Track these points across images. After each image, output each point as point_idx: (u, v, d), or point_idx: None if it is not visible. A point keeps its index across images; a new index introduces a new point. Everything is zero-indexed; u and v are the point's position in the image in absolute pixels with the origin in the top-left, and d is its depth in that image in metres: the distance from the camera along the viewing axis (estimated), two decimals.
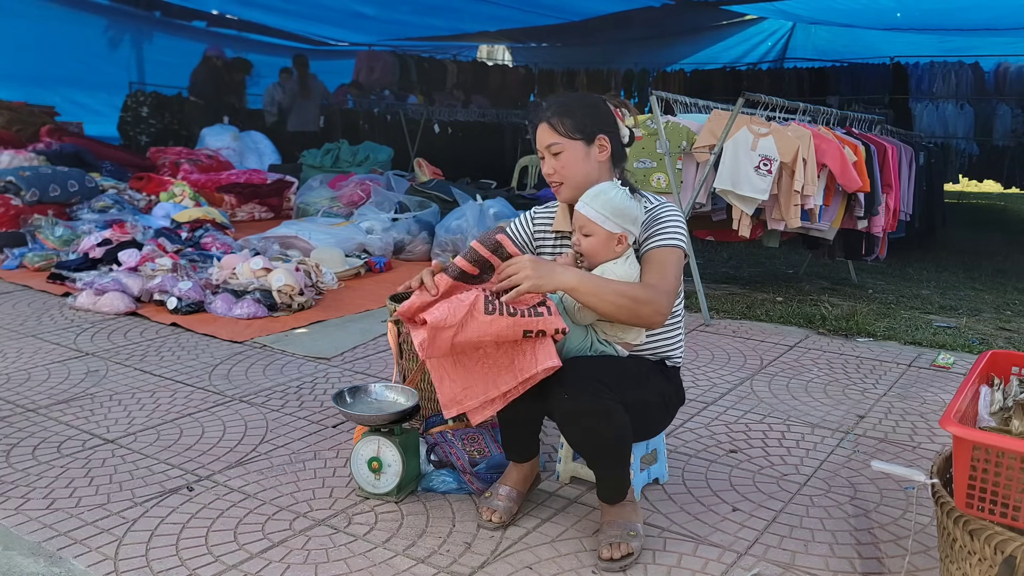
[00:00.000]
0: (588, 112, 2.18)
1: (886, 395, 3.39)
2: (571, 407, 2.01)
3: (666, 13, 9.56)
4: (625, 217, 2.06)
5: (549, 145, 2.17)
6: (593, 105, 2.22)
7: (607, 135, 2.18)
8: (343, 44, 12.79)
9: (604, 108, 2.22)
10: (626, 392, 2.06)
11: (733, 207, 4.55)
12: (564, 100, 2.23)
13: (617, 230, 2.06)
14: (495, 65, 14.44)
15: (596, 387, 1.99)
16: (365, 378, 3.49)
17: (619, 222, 2.05)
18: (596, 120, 2.18)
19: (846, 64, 12.06)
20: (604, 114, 2.21)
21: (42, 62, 9.73)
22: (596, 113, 2.19)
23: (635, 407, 2.09)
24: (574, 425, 2.06)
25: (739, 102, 4.48)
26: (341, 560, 2.08)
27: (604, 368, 2.08)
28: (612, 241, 2.07)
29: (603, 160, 2.18)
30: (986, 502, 1.60)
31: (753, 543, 2.19)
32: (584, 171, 2.16)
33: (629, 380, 2.10)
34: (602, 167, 2.19)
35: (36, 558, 2.07)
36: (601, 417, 2.00)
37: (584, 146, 2.16)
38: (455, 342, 1.95)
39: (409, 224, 6.26)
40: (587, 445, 2.11)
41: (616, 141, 2.21)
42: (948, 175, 10.54)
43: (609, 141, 2.18)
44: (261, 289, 4.50)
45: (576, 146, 2.15)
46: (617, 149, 2.22)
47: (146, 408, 3.10)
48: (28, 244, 5.66)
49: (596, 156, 2.17)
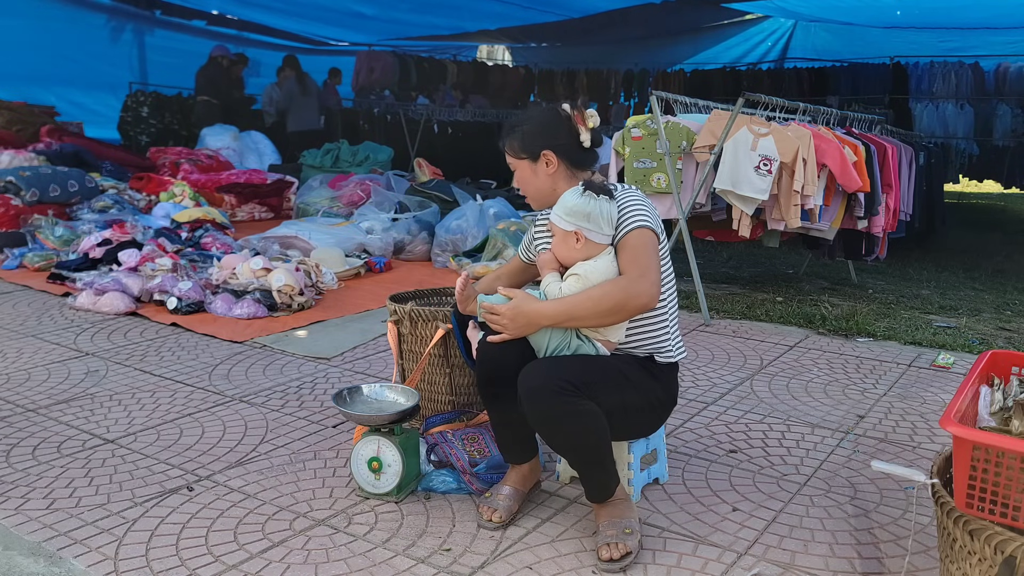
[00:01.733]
0: (533, 131, 2.27)
1: (886, 395, 3.39)
2: (534, 407, 2.03)
3: (666, 11, 9.56)
4: (576, 215, 2.13)
5: (509, 163, 2.33)
6: (540, 123, 2.28)
7: (553, 148, 2.25)
8: (343, 44, 12.79)
9: (552, 122, 2.27)
10: (598, 391, 2.06)
11: (733, 207, 4.55)
12: (516, 121, 2.34)
13: (570, 228, 2.15)
14: (495, 65, 14.45)
15: (561, 386, 2.00)
16: (365, 378, 3.49)
17: (571, 220, 2.14)
18: (540, 137, 2.26)
19: (846, 64, 12.07)
20: (550, 128, 2.27)
21: (42, 62, 9.73)
22: (540, 130, 2.27)
23: (613, 406, 2.09)
24: (540, 426, 2.08)
25: (739, 102, 4.48)
26: (341, 560, 2.08)
27: (573, 367, 2.08)
28: (570, 239, 2.16)
29: (552, 173, 2.27)
30: (986, 502, 1.60)
31: (753, 543, 2.19)
32: (535, 185, 2.30)
33: (603, 379, 2.09)
34: (555, 178, 2.28)
35: (36, 558, 2.07)
36: (566, 417, 2.01)
37: (530, 163, 2.29)
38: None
39: (409, 224, 6.26)
40: (558, 445, 2.13)
41: (570, 152, 2.27)
42: (948, 175, 10.55)
43: (556, 154, 2.25)
44: (261, 289, 4.50)
45: (523, 164, 2.30)
46: (572, 157, 2.28)
47: (146, 408, 3.10)
48: (28, 244, 5.66)
49: (544, 171, 2.27)
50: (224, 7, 10.50)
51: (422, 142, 10.56)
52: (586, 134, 2.27)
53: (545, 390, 2.00)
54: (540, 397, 2.01)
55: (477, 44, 14.52)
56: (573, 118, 2.27)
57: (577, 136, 2.27)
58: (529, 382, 2.03)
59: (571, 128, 2.27)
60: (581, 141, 2.27)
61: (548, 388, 2.00)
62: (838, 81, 11.98)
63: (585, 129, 2.26)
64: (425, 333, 2.80)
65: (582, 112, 2.28)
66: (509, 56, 15.32)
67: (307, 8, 9.91)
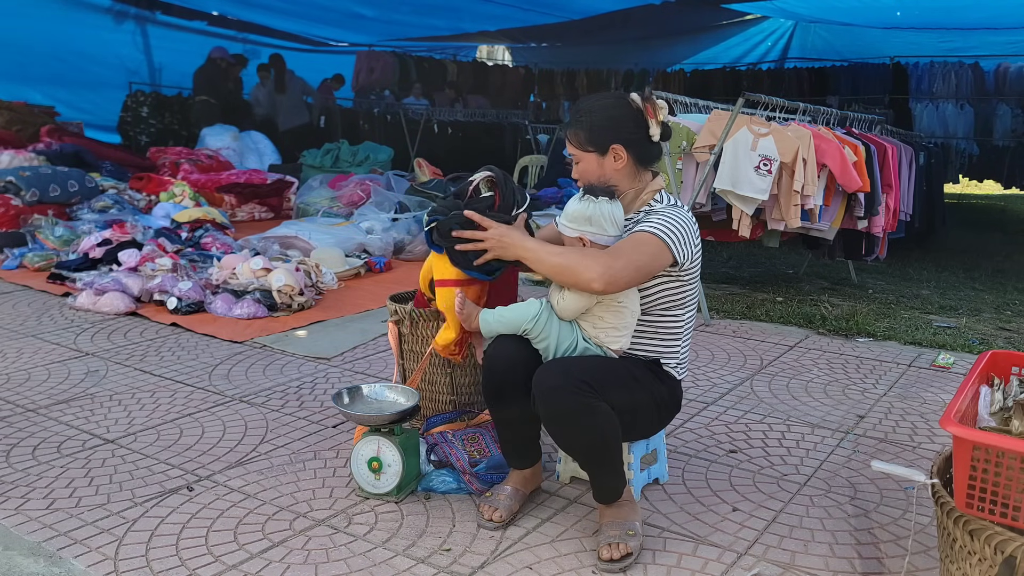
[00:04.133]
0: (603, 123, 2.17)
1: (886, 395, 3.39)
2: (550, 407, 2.02)
3: (666, 12, 9.55)
4: (577, 219, 2.13)
5: (572, 153, 2.24)
6: (610, 116, 2.18)
7: (623, 143, 2.16)
8: (343, 44, 12.80)
9: (624, 114, 2.18)
10: (611, 392, 2.05)
11: (733, 207, 4.55)
12: (585, 108, 2.22)
13: (574, 234, 2.15)
14: (495, 65, 14.45)
15: (577, 386, 1.99)
16: (365, 378, 3.49)
17: (573, 226, 2.15)
18: (610, 130, 2.17)
19: (846, 64, 12.07)
20: (622, 121, 2.17)
21: (42, 62, 9.72)
22: (611, 123, 2.17)
23: (623, 407, 2.08)
24: (555, 425, 2.07)
25: (739, 102, 4.48)
26: (341, 560, 2.08)
27: (587, 367, 2.07)
28: (575, 244, 2.16)
29: (619, 168, 2.19)
30: (986, 502, 1.60)
31: (753, 543, 2.19)
32: (599, 179, 2.20)
33: (615, 379, 2.09)
34: (620, 174, 2.19)
35: (36, 558, 2.07)
36: (582, 417, 2.00)
37: (597, 157, 2.19)
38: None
39: (409, 224, 6.26)
40: (571, 446, 2.12)
41: (637, 146, 2.19)
42: (948, 175, 10.54)
43: (626, 149, 2.17)
44: (261, 289, 4.50)
45: (589, 158, 2.20)
46: (640, 153, 2.20)
47: (146, 408, 3.10)
48: (28, 244, 5.66)
49: (611, 165, 2.19)
50: (224, 8, 10.50)
51: (422, 142, 10.56)
52: (656, 127, 2.18)
53: (562, 390, 2.00)
54: (556, 397, 2.00)
55: (477, 44, 14.52)
56: (644, 110, 2.17)
57: (647, 129, 2.18)
58: (545, 382, 2.02)
59: (641, 120, 2.18)
60: (651, 135, 2.19)
61: (565, 388, 1.99)
62: (838, 81, 11.98)
63: (656, 122, 2.18)
64: (426, 333, 2.80)
65: (653, 103, 2.18)
66: (509, 56, 15.32)
67: (307, 9, 9.90)
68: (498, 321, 2.19)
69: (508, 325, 2.17)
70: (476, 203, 2.31)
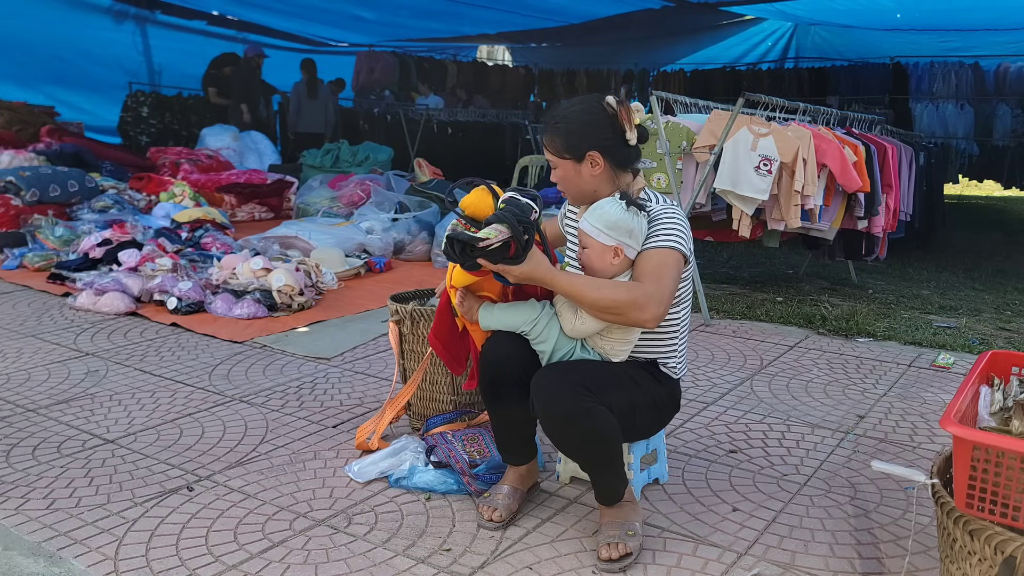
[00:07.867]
0: (579, 129, 2.13)
1: (886, 395, 3.39)
2: (549, 411, 2.02)
3: (666, 14, 9.56)
4: (619, 230, 2.06)
5: (549, 160, 2.20)
6: (586, 122, 2.14)
7: (600, 150, 2.13)
8: (343, 45, 12.79)
9: (599, 120, 2.14)
10: (609, 395, 2.05)
11: (733, 207, 4.55)
12: (560, 115, 2.18)
13: (611, 243, 2.06)
14: (495, 65, 14.44)
15: (575, 390, 1.99)
16: (365, 378, 3.49)
17: (613, 235, 2.06)
18: (586, 137, 2.13)
19: (846, 64, 12.06)
20: (598, 127, 2.13)
21: (42, 62, 9.71)
22: (587, 129, 2.13)
23: (622, 410, 2.08)
24: (555, 427, 2.06)
25: (739, 102, 4.48)
26: (341, 560, 2.08)
27: (585, 371, 2.07)
28: (608, 253, 2.08)
29: (597, 174, 2.15)
30: (986, 502, 1.60)
31: (753, 543, 2.19)
32: (577, 185, 2.18)
33: (613, 382, 2.09)
34: (598, 179, 2.16)
35: (36, 558, 2.07)
36: (581, 420, 2.00)
37: (575, 164, 2.16)
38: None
39: (409, 224, 6.26)
40: (571, 449, 2.12)
41: (614, 151, 2.15)
42: (948, 175, 10.53)
43: (603, 156, 2.14)
44: (261, 289, 4.50)
45: (567, 165, 2.17)
46: (617, 158, 2.17)
47: (146, 408, 3.10)
48: (28, 244, 5.66)
49: (589, 172, 2.15)
50: (225, 8, 10.50)
51: (422, 142, 10.56)
52: (632, 132, 2.14)
53: (560, 394, 2.00)
54: (555, 401, 2.00)
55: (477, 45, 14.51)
56: (619, 115, 2.13)
57: (623, 133, 2.14)
58: (544, 386, 2.02)
59: (616, 125, 2.14)
60: (627, 139, 2.15)
61: (563, 392, 2.00)
62: (838, 81, 11.98)
63: (631, 127, 2.14)
64: (426, 333, 2.80)
65: (627, 107, 2.13)
66: (509, 56, 15.31)
67: (307, 10, 9.91)
68: (498, 319, 2.18)
69: (507, 324, 2.17)
70: (491, 255, 2.01)
